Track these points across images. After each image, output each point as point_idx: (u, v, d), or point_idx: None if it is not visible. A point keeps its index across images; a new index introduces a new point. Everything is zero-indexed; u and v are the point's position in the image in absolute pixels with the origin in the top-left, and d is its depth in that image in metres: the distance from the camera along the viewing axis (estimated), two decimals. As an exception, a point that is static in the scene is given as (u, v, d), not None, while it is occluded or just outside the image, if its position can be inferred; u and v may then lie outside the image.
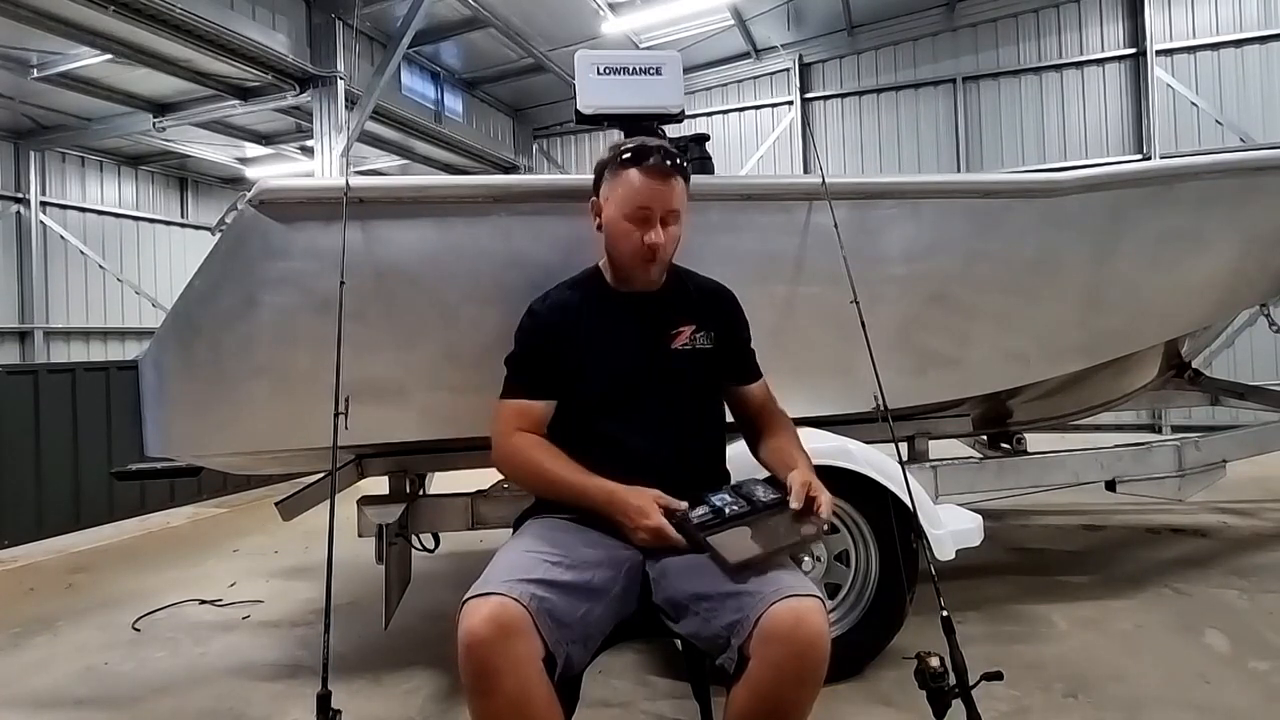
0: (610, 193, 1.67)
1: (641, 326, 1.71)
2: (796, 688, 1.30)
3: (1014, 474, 2.99)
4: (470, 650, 1.24)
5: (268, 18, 6.87)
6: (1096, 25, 8.70)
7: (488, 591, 1.29)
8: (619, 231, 1.66)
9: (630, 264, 1.68)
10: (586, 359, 1.67)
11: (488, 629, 1.24)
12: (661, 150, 1.64)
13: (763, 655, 1.28)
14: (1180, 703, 2.25)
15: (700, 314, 1.75)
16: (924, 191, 2.71)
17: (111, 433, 5.25)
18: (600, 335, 1.69)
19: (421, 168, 10.52)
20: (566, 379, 1.67)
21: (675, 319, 1.73)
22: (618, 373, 1.67)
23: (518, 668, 1.24)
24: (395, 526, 2.41)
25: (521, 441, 1.63)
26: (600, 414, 1.65)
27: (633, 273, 1.70)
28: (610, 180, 1.68)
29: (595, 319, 1.70)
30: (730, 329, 1.79)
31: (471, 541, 2.85)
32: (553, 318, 1.70)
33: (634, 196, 1.63)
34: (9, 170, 9.65)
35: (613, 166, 1.67)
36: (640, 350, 1.69)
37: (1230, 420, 5.58)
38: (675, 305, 1.74)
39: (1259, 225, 3.06)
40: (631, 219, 1.63)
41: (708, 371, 1.75)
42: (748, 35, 9.45)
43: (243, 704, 2.49)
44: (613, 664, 2.54)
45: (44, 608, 3.57)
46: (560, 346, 1.67)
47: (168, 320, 2.34)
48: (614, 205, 1.66)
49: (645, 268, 1.67)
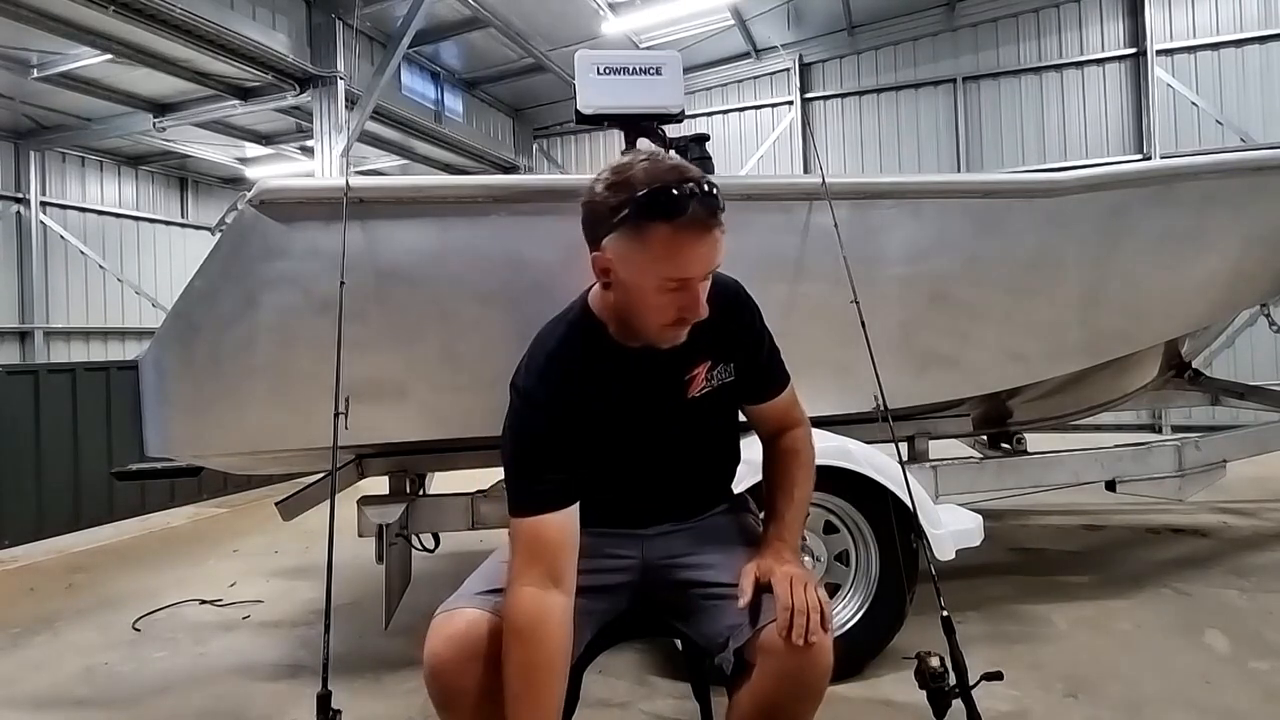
0: (629, 253, 1.24)
1: (651, 380, 1.41)
2: (799, 699, 1.29)
3: (1014, 474, 2.99)
4: (430, 671, 1.22)
5: (268, 18, 6.87)
6: (1096, 25, 8.69)
7: (456, 607, 1.27)
8: (646, 305, 1.28)
9: (658, 336, 1.34)
10: (596, 432, 1.39)
11: (448, 649, 1.21)
12: (694, 190, 1.20)
13: (765, 666, 1.26)
14: (1180, 703, 2.25)
15: (714, 344, 1.44)
16: (924, 191, 2.71)
17: (111, 433, 5.25)
18: (606, 402, 1.40)
19: (421, 168, 10.51)
20: (577, 464, 1.36)
21: (689, 361, 1.43)
22: (631, 440, 1.44)
23: (479, 690, 1.22)
24: (395, 526, 2.41)
25: (519, 658, 1.23)
26: (614, 483, 1.45)
27: (658, 339, 1.35)
28: (627, 235, 1.23)
29: (600, 384, 1.39)
30: (753, 348, 1.51)
31: (471, 541, 2.85)
32: (556, 401, 1.35)
33: (669, 264, 1.22)
34: (9, 170, 9.65)
35: (630, 218, 1.21)
36: (654, 409, 1.43)
37: (1230, 420, 5.57)
38: (687, 344, 1.39)
39: (1259, 225, 3.05)
40: (665, 289, 1.25)
41: (729, 403, 1.54)
42: (748, 35, 9.45)
43: (243, 704, 2.49)
44: (613, 664, 2.54)
45: (44, 608, 3.57)
46: (566, 434, 1.35)
47: (168, 320, 2.34)
48: (636, 270, 1.24)
49: (676, 335, 1.34)
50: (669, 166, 1.24)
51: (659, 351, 1.38)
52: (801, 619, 1.21)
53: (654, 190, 1.20)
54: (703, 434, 1.51)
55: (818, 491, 2.45)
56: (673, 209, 1.19)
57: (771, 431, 1.58)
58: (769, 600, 1.30)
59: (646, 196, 1.20)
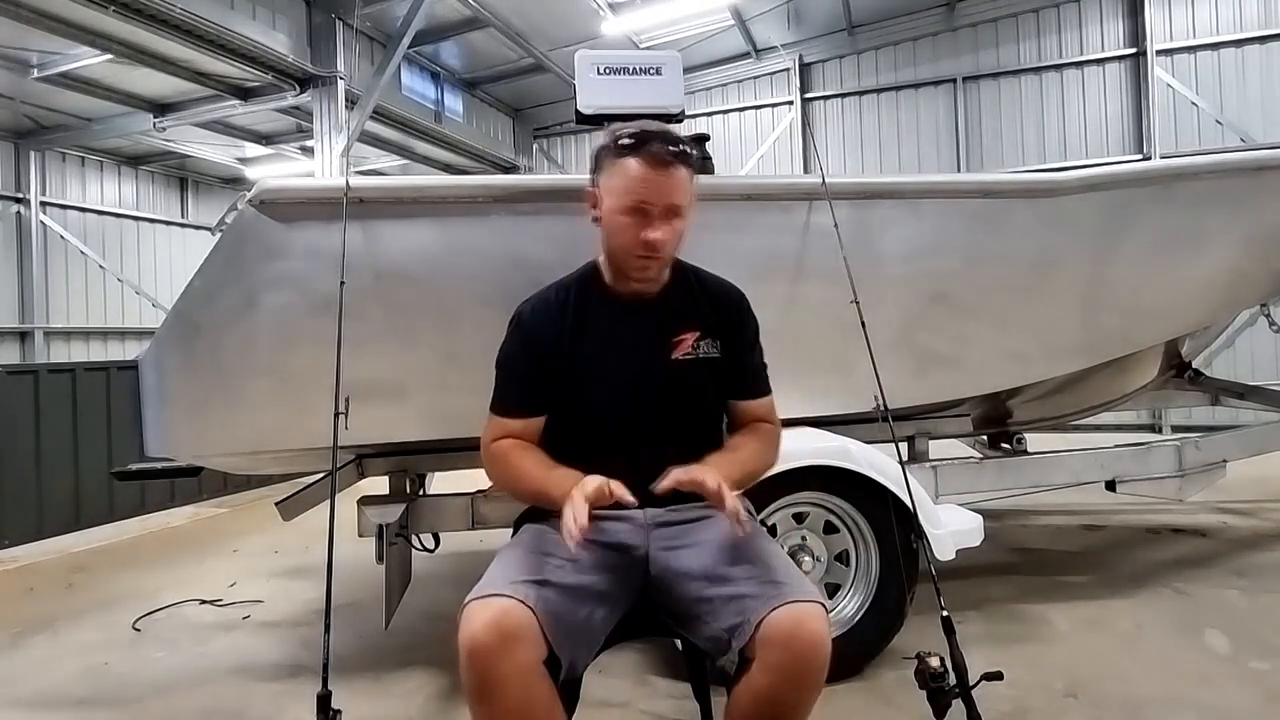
0: (608, 183, 1.52)
1: (640, 333, 1.58)
2: (797, 692, 1.30)
3: (1014, 474, 2.99)
4: (472, 656, 1.22)
5: (268, 18, 6.87)
6: (1096, 25, 8.70)
7: (491, 593, 1.27)
8: (616, 226, 1.51)
9: (627, 262, 1.54)
10: (579, 370, 1.56)
11: (490, 635, 1.22)
12: (663, 136, 1.49)
13: (763, 659, 1.27)
14: (1180, 703, 2.25)
15: (706, 318, 1.61)
16: (924, 191, 2.71)
17: (111, 433, 5.25)
18: (594, 343, 1.57)
19: (421, 168, 10.52)
20: (557, 392, 1.57)
21: (678, 324, 1.60)
22: (614, 385, 1.57)
23: (520, 674, 1.23)
24: (395, 526, 2.41)
25: (500, 448, 1.56)
26: (594, 428, 1.57)
27: (630, 271, 1.56)
28: (608, 169, 1.52)
29: (589, 324, 1.58)
30: (738, 334, 1.65)
31: (471, 541, 2.85)
32: (540, 329, 1.58)
33: (632, 188, 1.48)
34: (9, 170, 9.65)
35: (611, 153, 1.52)
36: (638, 360, 1.58)
37: (1230, 420, 5.57)
38: (678, 309, 1.61)
39: (1259, 225, 3.05)
40: (629, 213, 1.48)
41: (713, 382, 1.63)
42: (748, 35, 9.46)
43: (243, 704, 2.49)
44: (613, 664, 2.54)
45: (44, 608, 3.57)
46: (549, 360, 1.56)
47: (168, 320, 2.35)
48: (611, 196, 1.51)
49: (643, 266, 1.54)
50: (660, 128, 1.52)
51: (649, 306, 1.60)
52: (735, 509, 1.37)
53: (630, 131, 1.51)
54: (687, 400, 1.61)
55: (818, 492, 2.47)
56: (641, 144, 1.48)
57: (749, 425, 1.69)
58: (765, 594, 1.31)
59: (624, 135, 1.51)
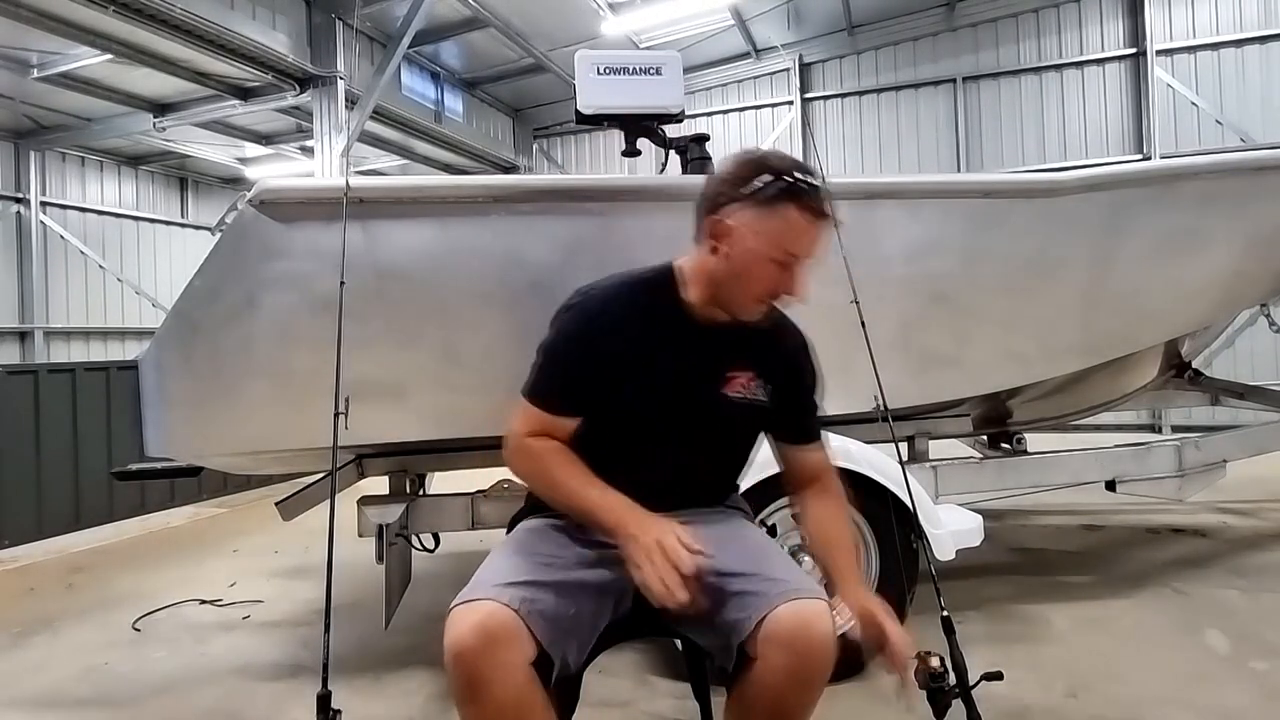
0: (757, 223, 1.39)
1: (700, 357, 1.50)
2: (800, 690, 1.30)
3: (1014, 474, 2.99)
4: (457, 660, 1.22)
5: (268, 18, 6.87)
6: (1096, 25, 8.70)
7: (475, 598, 1.28)
8: (754, 271, 1.41)
9: (748, 305, 1.46)
10: (628, 376, 1.47)
11: (474, 637, 1.22)
12: (816, 182, 1.42)
13: (766, 657, 1.27)
14: (1180, 703, 2.25)
15: (765, 359, 1.55)
16: (924, 191, 2.71)
17: (111, 433, 5.25)
18: (651, 357, 1.48)
19: (421, 168, 10.52)
20: (600, 394, 1.48)
21: (736, 358, 1.52)
22: (659, 401, 1.49)
23: (507, 675, 1.22)
24: (395, 526, 2.41)
25: (539, 445, 1.48)
26: (623, 436, 1.50)
27: (745, 311, 1.47)
28: (757, 209, 1.39)
29: (653, 334, 1.48)
30: (794, 381, 1.59)
31: (471, 541, 2.85)
32: (604, 324, 1.48)
33: (789, 240, 1.39)
34: (9, 170, 9.65)
35: (764, 192, 1.39)
36: (689, 384, 1.50)
37: (1230, 420, 5.57)
38: (741, 342, 1.52)
39: (1259, 225, 3.05)
40: (775, 262, 1.40)
41: (754, 425, 1.60)
42: (748, 35, 9.45)
43: (243, 704, 2.50)
44: (613, 664, 2.54)
45: (44, 608, 3.57)
46: (604, 360, 1.46)
47: (168, 320, 2.35)
48: (758, 240, 1.39)
49: (766, 310, 1.48)
50: (807, 166, 1.42)
51: (715, 333, 1.50)
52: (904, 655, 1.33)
53: (793, 174, 1.39)
54: (722, 435, 1.57)
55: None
56: (803, 193, 1.39)
57: (806, 477, 1.61)
58: (768, 591, 1.30)
59: (788, 178, 1.38)
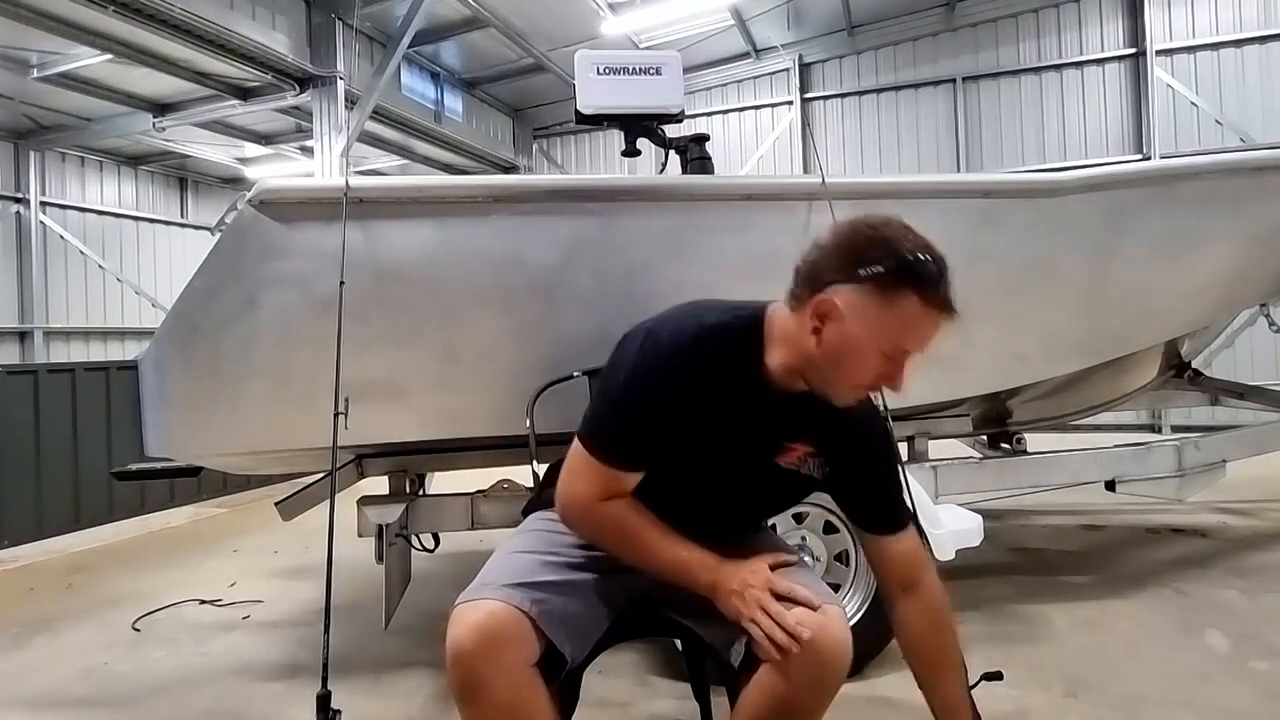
0: (869, 313, 1.21)
1: (761, 421, 1.37)
2: (814, 695, 1.30)
3: (1014, 474, 2.99)
4: (456, 660, 1.22)
5: (268, 18, 6.87)
6: (1096, 25, 8.70)
7: (478, 597, 1.27)
8: (856, 360, 1.25)
9: (842, 392, 1.31)
10: (685, 436, 1.35)
11: (473, 638, 1.22)
12: (946, 271, 1.24)
13: (780, 662, 1.26)
14: (1180, 703, 2.25)
15: (830, 435, 1.40)
16: (924, 191, 2.71)
17: (111, 433, 5.25)
18: (715, 419, 1.34)
19: (421, 168, 10.52)
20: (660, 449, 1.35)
21: (798, 431, 1.39)
22: (706, 466, 1.39)
23: (506, 676, 1.22)
24: (395, 526, 2.41)
25: (614, 511, 1.35)
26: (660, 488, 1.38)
27: (833, 395, 1.32)
28: (871, 292, 1.21)
29: (723, 397, 1.33)
30: (866, 463, 1.44)
31: (471, 541, 2.85)
32: (680, 377, 1.31)
33: (907, 334, 1.23)
34: (9, 170, 9.65)
35: (883, 276, 1.20)
36: (745, 447, 1.39)
37: (1230, 420, 5.56)
38: (806, 415, 1.36)
39: (1259, 225, 3.05)
40: (883, 354, 1.24)
41: (799, 493, 1.53)
42: (748, 35, 9.46)
43: (243, 704, 2.50)
44: (613, 664, 2.54)
45: (44, 608, 3.56)
46: (672, 415, 1.32)
47: (168, 320, 2.35)
48: (868, 331, 1.22)
49: (855, 398, 1.34)
50: (929, 243, 1.24)
51: (786, 401, 1.35)
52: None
53: (920, 260, 1.20)
54: (763, 497, 1.50)
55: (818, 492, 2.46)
56: (930, 283, 1.21)
57: (898, 579, 1.44)
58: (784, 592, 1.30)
59: (912, 263, 1.20)
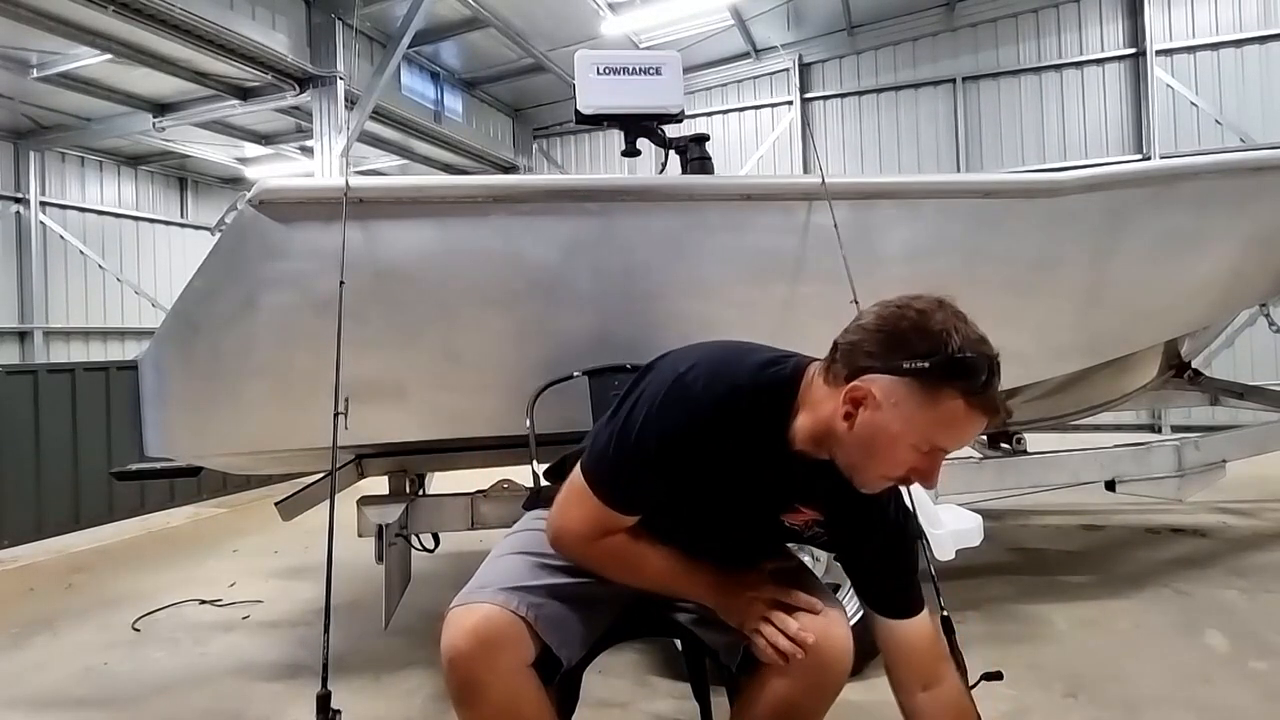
0: (904, 403, 1.12)
1: (774, 484, 1.31)
2: (816, 697, 1.30)
3: (1014, 474, 2.99)
4: (452, 663, 1.22)
5: (268, 18, 6.87)
6: (1096, 25, 8.70)
7: (473, 600, 1.27)
8: (892, 455, 1.16)
9: (869, 480, 1.22)
10: (698, 490, 1.29)
11: (469, 641, 1.22)
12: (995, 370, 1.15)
13: (784, 667, 1.26)
14: (1180, 703, 2.25)
15: (841, 508, 1.32)
16: (924, 191, 2.71)
17: (111, 433, 5.25)
18: (732, 478, 1.28)
19: (421, 168, 10.52)
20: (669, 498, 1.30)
21: (809, 498, 1.33)
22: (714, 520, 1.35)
23: (502, 679, 1.22)
24: (395, 526, 2.41)
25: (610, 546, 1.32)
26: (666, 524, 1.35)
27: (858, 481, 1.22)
28: (912, 385, 1.11)
29: (744, 459, 1.26)
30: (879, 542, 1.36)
31: (471, 541, 2.85)
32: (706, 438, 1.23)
33: (946, 433, 1.14)
34: (9, 170, 9.64)
35: (929, 372, 1.11)
36: (754, 506, 1.34)
37: (1230, 420, 5.57)
38: (821, 482, 1.28)
39: (1259, 225, 3.06)
40: (916, 450, 1.15)
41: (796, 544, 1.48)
42: (748, 35, 9.45)
43: (243, 704, 2.49)
44: (613, 664, 2.54)
45: (44, 608, 3.56)
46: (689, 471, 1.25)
47: (168, 320, 2.35)
48: (905, 426, 1.13)
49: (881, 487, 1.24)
50: (980, 337, 1.15)
51: (803, 467, 1.26)
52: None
53: (969, 359, 1.10)
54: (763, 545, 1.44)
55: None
56: (977, 385, 1.11)
57: (915, 673, 1.35)
58: None
59: (960, 360, 1.10)
